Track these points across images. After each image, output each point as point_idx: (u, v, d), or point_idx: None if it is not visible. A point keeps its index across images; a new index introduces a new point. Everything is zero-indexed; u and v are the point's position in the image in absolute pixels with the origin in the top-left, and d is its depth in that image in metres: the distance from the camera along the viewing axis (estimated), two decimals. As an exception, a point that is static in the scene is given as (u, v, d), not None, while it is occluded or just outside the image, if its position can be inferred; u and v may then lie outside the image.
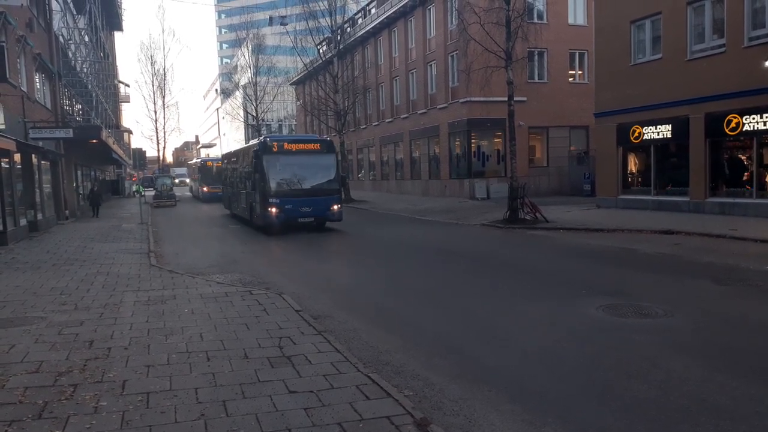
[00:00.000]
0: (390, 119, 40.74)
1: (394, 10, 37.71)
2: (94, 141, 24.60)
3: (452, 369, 6.04)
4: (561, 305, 8.54)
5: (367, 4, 46.61)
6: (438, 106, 33.81)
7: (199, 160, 49.81)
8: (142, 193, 28.65)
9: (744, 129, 17.30)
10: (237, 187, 23.67)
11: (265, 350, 6.37)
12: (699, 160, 18.87)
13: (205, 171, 41.20)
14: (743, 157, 18.43)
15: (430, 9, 34.68)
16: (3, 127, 15.69)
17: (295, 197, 18.22)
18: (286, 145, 19.16)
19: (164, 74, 54.88)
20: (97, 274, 11.48)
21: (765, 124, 16.71)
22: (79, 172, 32.25)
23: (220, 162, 36.91)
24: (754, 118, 16.95)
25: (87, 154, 31.56)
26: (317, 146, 19.54)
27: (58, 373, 5.75)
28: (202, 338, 6.87)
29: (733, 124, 17.57)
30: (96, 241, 17.25)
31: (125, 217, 26.60)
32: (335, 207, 18.85)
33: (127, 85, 54.85)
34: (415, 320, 8.12)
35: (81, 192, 31.77)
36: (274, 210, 17.89)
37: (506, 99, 20.09)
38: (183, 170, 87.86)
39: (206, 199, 38.95)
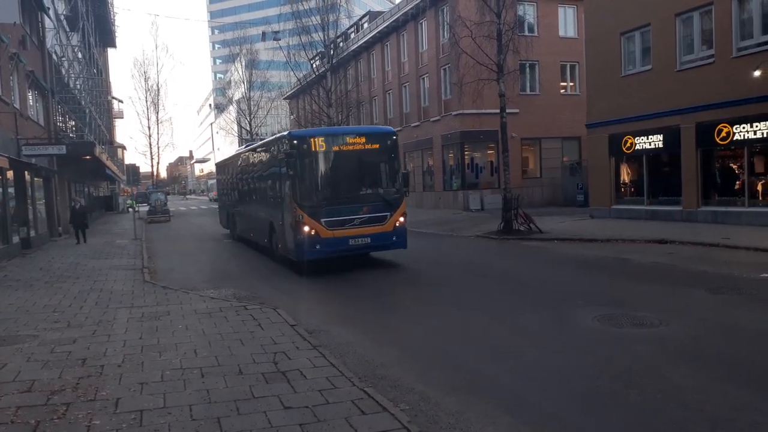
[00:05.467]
0: (383, 132, 40.75)
1: (386, 24, 37.98)
2: (88, 157, 24.60)
3: (448, 382, 6.01)
4: (557, 316, 8.53)
5: (360, 19, 46.92)
6: (431, 119, 33.97)
7: (276, 135, 16.31)
8: (136, 209, 28.55)
9: (734, 138, 17.43)
10: None
11: (259, 366, 6.32)
12: (691, 170, 18.98)
13: (305, 166, 13.02)
14: (734, 166, 18.55)
15: (421, 23, 34.95)
16: (-5, 144, 15.66)
17: None
18: None
19: (158, 90, 55.06)
20: (90, 291, 11.40)
21: (755, 134, 16.85)
22: (72, 189, 32.14)
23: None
24: (744, 128, 17.09)
25: (80, 171, 31.48)
26: None
27: (51, 391, 5.70)
28: (196, 354, 6.82)
29: (723, 134, 17.71)
30: (89, 257, 17.15)
31: (119, 233, 26.48)
32: None
33: (121, 101, 54.86)
34: (410, 332, 8.09)
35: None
36: None
37: (498, 111, 20.20)
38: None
39: (315, 258, 13.03)
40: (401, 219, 13.50)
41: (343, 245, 12.76)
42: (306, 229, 12.46)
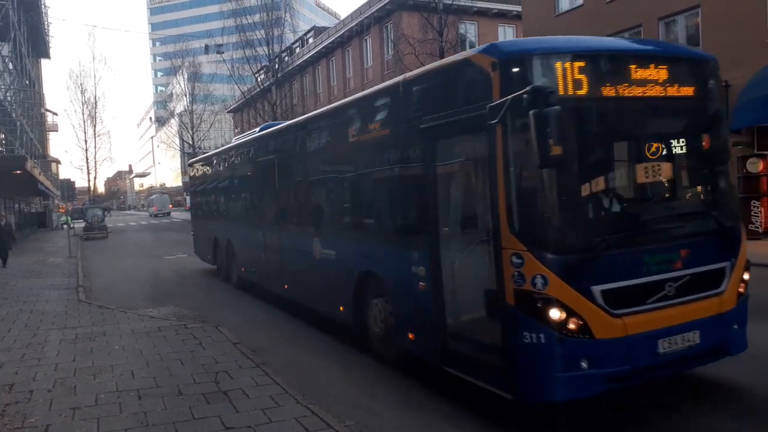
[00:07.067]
0: (329, 147, 40.73)
1: (332, 40, 38.17)
2: (18, 172, 23.52)
3: (394, 396, 6.02)
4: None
5: (305, 34, 46.98)
6: (377, 134, 34.21)
7: (420, 69, 6.49)
8: (71, 225, 27.41)
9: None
10: None
11: (200, 386, 6.16)
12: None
13: (544, 139, 4.28)
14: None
15: (366, 39, 35.30)
16: None
17: None
18: None
19: (95, 102, 53.15)
20: (20, 312, 10.84)
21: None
22: (1, 205, 30.58)
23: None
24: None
25: (10, 186, 29.99)
26: None
27: (-26, 420, 5.38)
28: (133, 376, 6.59)
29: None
30: (19, 277, 16.32)
31: (52, 251, 25.31)
32: None
33: (56, 114, 52.91)
34: (359, 348, 8.06)
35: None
36: None
37: (442, 126, 20.60)
38: (160, 195, 71.71)
39: None
40: (746, 276, 5.45)
41: (646, 357, 4.79)
42: (554, 314, 4.51)
